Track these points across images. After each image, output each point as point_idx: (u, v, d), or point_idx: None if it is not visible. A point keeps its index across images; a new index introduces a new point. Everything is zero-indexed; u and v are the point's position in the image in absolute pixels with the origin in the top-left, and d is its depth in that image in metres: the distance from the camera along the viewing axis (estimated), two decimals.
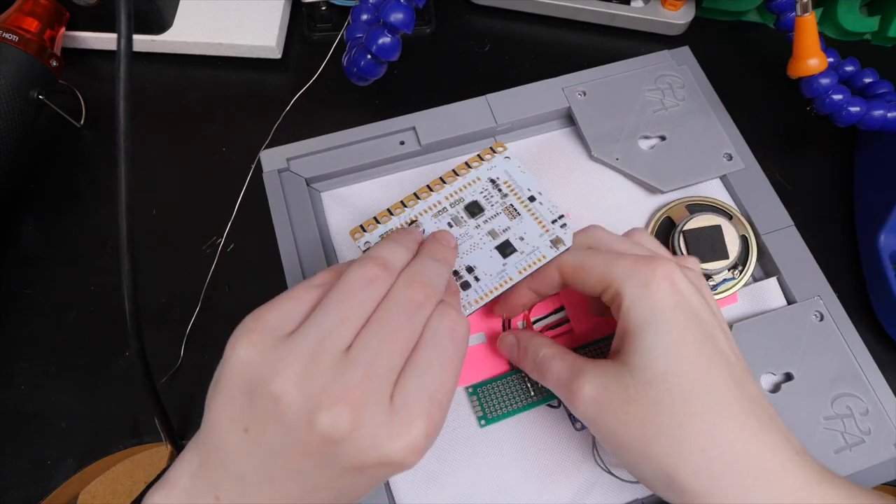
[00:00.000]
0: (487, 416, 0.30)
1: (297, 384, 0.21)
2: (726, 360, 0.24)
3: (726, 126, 0.37)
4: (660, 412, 0.23)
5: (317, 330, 0.22)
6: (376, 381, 0.21)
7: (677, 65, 0.38)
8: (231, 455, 0.22)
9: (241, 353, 0.22)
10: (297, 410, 0.20)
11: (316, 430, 0.20)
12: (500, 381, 0.31)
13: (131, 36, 0.24)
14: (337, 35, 0.44)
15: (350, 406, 0.20)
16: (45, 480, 0.32)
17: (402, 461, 0.21)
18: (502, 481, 0.29)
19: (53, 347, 0.35)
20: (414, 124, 0.36)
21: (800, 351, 0.31)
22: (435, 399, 0.22)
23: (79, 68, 0.43)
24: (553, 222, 0.29)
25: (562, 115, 0.37)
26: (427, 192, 0.30)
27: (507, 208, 0.30)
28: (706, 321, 0.24)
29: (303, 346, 0.21)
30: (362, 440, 0.21)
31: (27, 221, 0.38)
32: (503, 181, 0.31)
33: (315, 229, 0.33)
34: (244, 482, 0.21)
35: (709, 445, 0.22)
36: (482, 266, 0.29)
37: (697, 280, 0.26)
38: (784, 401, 0.30)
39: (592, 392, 0.24)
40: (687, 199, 0.35)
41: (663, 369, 0.23)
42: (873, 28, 0.43)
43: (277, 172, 0.34)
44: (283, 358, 0.21)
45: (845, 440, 0.29)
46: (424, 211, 0.30)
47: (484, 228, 0.29)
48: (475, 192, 0.30)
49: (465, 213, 0.30)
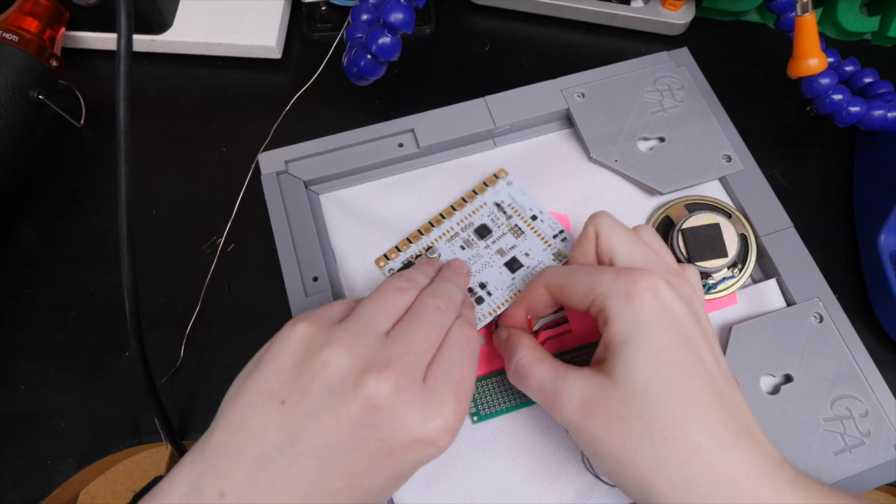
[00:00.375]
0: (480, 413, 0.30)
1: (346, 353, 0.23)
2: (708, 372, 0.24)
3: (725, 127, 0.36)
4: (640, 425, 0.23)
5: (363, 316, 0.25)
6: (413, 357, 0.24)
7: (676, 66, 0.38)
8: (256, 433, 0.22)
9: (298, 329, 0.24)
10: (344, 373, 0.22)
11: (360, 392, 0.22)
12: (494, 378, 0.31)
13: (131, 36, 0.24)
14: (337, 35, 0.44)
15: (393, 374, 0.22)
16: (45, 480, 0.32)
17: (434, 439, 0.23)
18: (501, 481, 0.29)
19: (53, 347, 0.35)
20: (412, 126, 0.36)
21: (799, 353, 0.31)
22: (461, 387, 0.24)
23: (79, 68, 0.43)
24: (554, 237, 0.33)
25: (561, 116, 0.37)
26: (440, 219, 0.34)
27: (513, 228, 0.33)
28: (689, 333, 0.25)
29: (351, 326, 0.24)
30: (400, 410, 0.22)
31: (27, 221, 0.38)
32: (507, 204, 0.34)
33: (314, 232, 0.33)
34: (260, 464, 0.21)
35: (686, 460, 0.23)
36: (493, 281, 0.32)
37: (687, 290, 0.26)
38: (783, 403, 0.30)
39: (577, 401, 0.24)
40: (685, 198, 0.35)
41: (644, 383, 0.23)
42: (873, 28, 0.43)
43: (276, 175, 0.34)
44: (335, 332, 0.24)
45: (845, 442, 0.29)
46: (439, 237, 0.33)
47: (493, 248, 0.33)
48: (483, 216, 0.34)
49: (475, 236, 0.33)
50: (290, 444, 0.21)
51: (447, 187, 0.36)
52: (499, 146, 0.37)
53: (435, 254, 0.33)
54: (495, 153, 0.37)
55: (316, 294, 0.32)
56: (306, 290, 0.32)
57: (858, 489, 0.29)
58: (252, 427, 0.22)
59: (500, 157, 0.37)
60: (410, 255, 0.33)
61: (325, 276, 0.32)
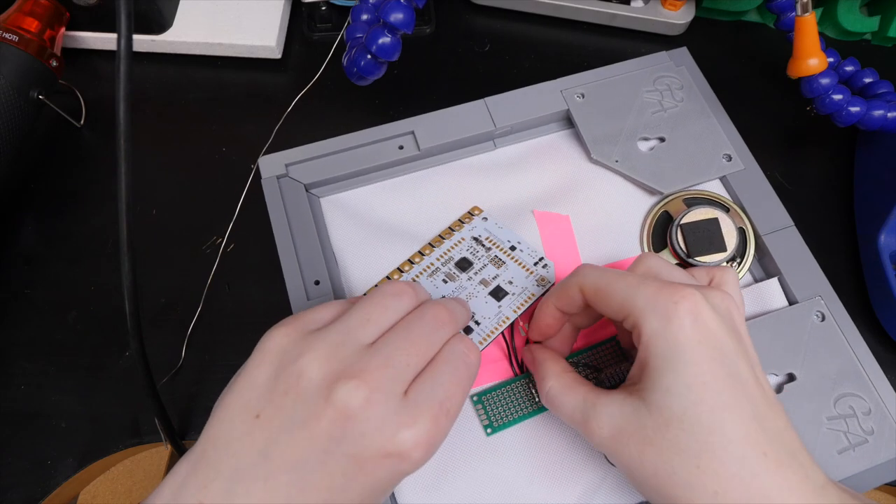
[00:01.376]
0: (493, 424, 0.29)
1: (321, 364, 0.22)
2: (749, 397, 0.23)
3: (725, 127, 0.36)
4: (674, 454, 0.23)
5: (344, 325, 0.24)
6: (392, 371, 0.23)
7: (675, 66, 0.38)
8: (232, 446, 0.22)
9: (273, 340, 0.24)
10: (317, 384, 0.22)
11: (331, 401, 0.22)
12: (504, 388, 0.30)
13: (131, 36, 0.24)
14: (337, 35, 0.44)
15: (366, 384, 0.22)
16: (45, 480, 0.32)
17: (405, 453, 0.22)
18: (508, 487, 0.29)
19: (53, 347, 0.35)
20: (413, 128, 0.36)
21: (802, 351, 0.31)
22: (444, 406, 0.23)
23: (79, 68, 0.43)
24: (535, 264, 0.33)
25: (561, 117, 0.37)
26: (419, 256, 0.33)
27: (493, 259, 0.33)
28: (731, 357, 0.24)
29: (329, 336, 0.23)
30: (371, 422, 0.22)
31: (27, 221, 0.38)
32: (485, 237, 0.34)
33: (315, 235, 0.33)
34: (237, 477, 0.21)
35: (722, 489, 0.22)
36: (480, 311, 0.31)
37: (727, 305, 0.25)
38: (787, 401, 0.30)
39: (608, 430, 0.24)
40: (684, 192, 0.35)
41: (680, 413, 0.23)
42: (873, 28, 0.43)
43: (276, 179, 0.34)
44: (311, 342, 0.23)
45: (848, 440, 0.29)
46: (420, 273, 0.33)
47: (475, 279, 0.32)
48: (463, 251, 0.33)
49: (457, 269, 0.33)
50: (264, 459, 0.21)
51: (448, 189, 0.36)
52: (499, 147, 0.37)
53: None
54: (496, 154, 0.37)
55: (318, 298, 0.32)
56: (308, 293, 0.32)
57: (862, 487, 0.29)
58: (229, 440, 0.22)
59: (500, 158, 0.37)
60: None
61: (326, 279, 0.32)
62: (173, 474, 0.22)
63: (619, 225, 0.35)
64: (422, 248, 0.34)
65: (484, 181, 0.36)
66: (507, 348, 0.31)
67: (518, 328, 0.32)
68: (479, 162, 0.37)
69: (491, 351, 0.31)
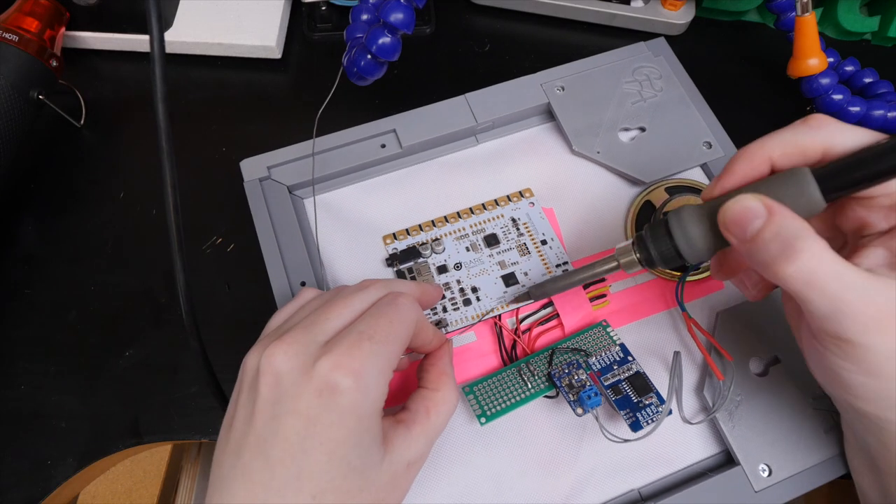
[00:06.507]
0: (487, 414, 0.30)
1: (257, 353, 0.24)
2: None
3: (704, 115, 0.37)
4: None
5: (306, 321, 0.25)
6: (313, 327, 0.24)
7: (654, 56, 0.38)
8: (217, 456, 0.23)
9: (247, 363, 0.25)
10: (257, 367, 0.24)
11: (261, 371, 0.23)
12: (494, 378, 0.31)
13: (163, 38, 0.24)
14: (337, 35, 0.44)
15: (285, 342, 0.23)
16: (45, 480, 0.32)
17: (331, 382, 0.22)
18: (502, 477, 0.29)
19: (53, 347, 0.35)
20: (394, 126, 0.36)
21: (785, 335, 0.31)
22: (365, 334, 0.23)
23: (79, 68, 0.43)
24: (557, 266, 0.33)
25: (542, 111, 0.38)
26: (456, 217, 0.34)
27: (520, 246, 0.33)
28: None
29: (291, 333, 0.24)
30: (294, 372, 0.22)
31: (27, 221, 0.38)
32: (522, 222, 0.34)
33: (300, 236, 0.33)
34: (221, 485, 0.23)
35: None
36: (485, 288, 0.32)
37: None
38: (773, 383, 0.30)
39: (875, 310, 0.20)
40: (665, 181, 0.35)
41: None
42: (873, 28, 0.43)
43: (259, 181, 0.34)
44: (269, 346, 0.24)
45: (834, 419, 0.30)
46: (449, 233, 0.34)
47: (495, 258, 0.33)
48: (496, 226, 0.34)
49: (483, 242, 0.33)
50: (237, 457, 0.23)
51: (431, 186, 0.36)
52: (481, 143, 0.37)
53: (440, 246, 0.33)
54: (478, 150, 0.37)
55: None
56: (294, 294, 0.32)
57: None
58: (218, 458, 0.24)
59: (482, 153, 0.37)
60: (417, 242, 0.34)
61: (312, 280, 0.32)
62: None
63: (602, 216, 0.35)
64: (462, 210, 0.34)
65: (467, 177, 0.36)
66: (496, 340, 0.32)
67: (505, 325, 0.32)
68: (461, 158, 0.37)
69: (481, 344, 0.32)
